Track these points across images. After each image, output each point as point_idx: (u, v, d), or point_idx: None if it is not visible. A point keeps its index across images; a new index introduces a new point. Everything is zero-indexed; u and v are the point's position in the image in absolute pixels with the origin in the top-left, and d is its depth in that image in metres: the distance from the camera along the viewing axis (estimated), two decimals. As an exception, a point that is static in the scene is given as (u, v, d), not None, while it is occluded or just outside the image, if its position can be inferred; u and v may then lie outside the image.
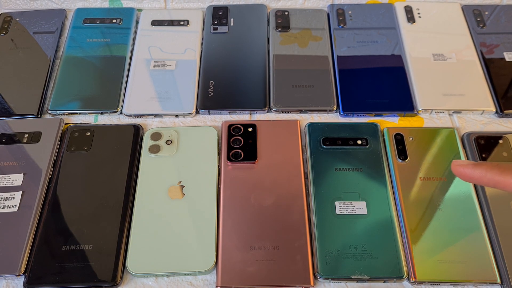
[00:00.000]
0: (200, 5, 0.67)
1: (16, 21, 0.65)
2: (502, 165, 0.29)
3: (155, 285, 0.44)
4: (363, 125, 0.54)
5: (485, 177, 0.29)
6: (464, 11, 0.65)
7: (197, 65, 0.60)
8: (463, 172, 0.30)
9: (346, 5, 0.66)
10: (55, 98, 0.57)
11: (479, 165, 0.30)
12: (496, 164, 0.29)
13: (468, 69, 0.59)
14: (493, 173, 0.29)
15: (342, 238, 0.45)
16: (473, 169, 0.30)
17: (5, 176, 0.49)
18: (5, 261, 0.44)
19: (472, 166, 0.30)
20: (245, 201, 0.48)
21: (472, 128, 0.55)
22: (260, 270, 0.44)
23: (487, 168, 0.29)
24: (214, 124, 0.56)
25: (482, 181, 0.30)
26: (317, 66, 0.60)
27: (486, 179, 0.29)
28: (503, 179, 0.28)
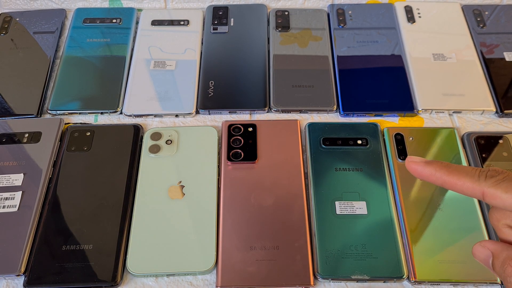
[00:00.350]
0: (200, 5, 0.67)
1: (16, 21, 0.65)
2: (451, 166, 0.30)
3: (155, 285, 0.44)
4: (363, 125, 0.54)
5: (434, 175, 0.30)
6: (464, 11, 0.65)
7: (197, 65, 0.60)
8: (414, 168, 0.31)
9: (346, 5, 0.66)
10: (55, 98, 0.57)
11: (430, 163, 0.30)
12: (446, 164, 0.30)
13: (468, 69, 0.59)
14: (442, 172, 0.30)
15: (342, 238, 0.45)
16: (423, 166, 0.30)
17: (5, 176, 0.49)
18: (5, 261, 0.44)
19: (424, 164, 0.30)
20: (245, 201, 0.48)
21: (472, 128, 0.55)
22: (260, 270, 0.44)
23: (437, 167, 0.30)
24: (214, 124, 0.56)
25: (431, 179, 0.30)
26: (317, 66, 0.60)
27: (435, 178, 0.30)
28: (450, 179, 0.29)
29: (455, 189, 0.29)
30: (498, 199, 0.27)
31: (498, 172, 0.28)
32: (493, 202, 0.28)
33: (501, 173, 0.28)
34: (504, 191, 0.27)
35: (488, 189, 0.28)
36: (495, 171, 0.28)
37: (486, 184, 0.28)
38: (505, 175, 0.28)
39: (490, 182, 0.28)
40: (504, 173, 0.28)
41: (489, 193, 0.28)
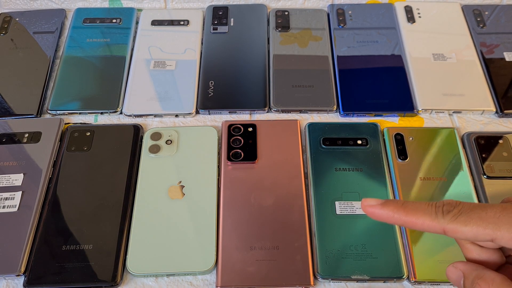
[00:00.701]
0: (200, 5, 0.67)
1: (16, 21, 0.65)
2: (407, 205, 0.30)
3: (155, 285, 0.44)
4: (363, 125, 0.54)
5: (392, 217, 0.30)
6: (464, 11, 0.65)
7: (197, 65, 0.60)
8: (371, 212, 0.31)
9: (346, 5, 0.66)
10: (55, 98, 0.57)
11: (386, 205, 0.30)
12: (401, 203, 0.30)
13: (468, 69, 0.59)
14: (400, 213, 0.29)
15: (342, 238, 0.45)
16: (380, 209, 0.30)
17: (5, 176, 0.49)
18: (5, 261, 0.44)
19: (380, 206, 0.30)
20: (245, 201, 0.48)
21: (472, 128, 0.55)
22: (260, 270, 0.44)
23: (394, 208, 0.30)
24: (214, 124, 0.56)
25: (390, 221, 0.30)
26: (317, 66, 0.60)
27: (394, 219, 0.30)
28: (409, 220, 0.29)
29: (416, 228, 0.29)
30: (460, 233, 0.28)
31: (453, 205, 0.29)
32: (455, 236, 0.28)
33: (456, 206, 0.28)
34: (463, 224, 0.28)
35: (448, 226, 0.28)
36: (450, 204, 0.29)
37: (445, 221, 0.28)
38: (460, 207, 0.28)
39: (448, 218, 0.28)
40: (458, 206, 0.28)
41: (450, 229, 0.28)
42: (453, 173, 0.50)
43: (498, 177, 0.50)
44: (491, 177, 0.50)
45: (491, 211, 0.27)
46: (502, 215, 0.27)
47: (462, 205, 0.28)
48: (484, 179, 0.50)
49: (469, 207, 0.28)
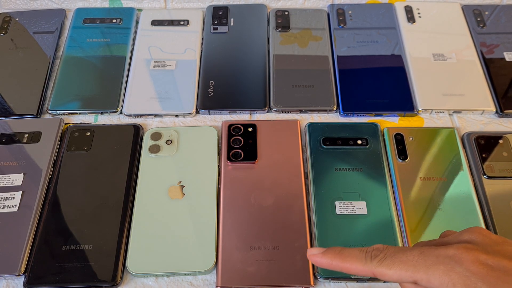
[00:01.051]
0: (200, 5, 0.67)
1: (16, 21, 0.65)
2: (343, 253, 0.32)
3: (155, 285, 0.44)
4: (363, 125, 0.54)
5: (331, 264, 0.32)
6: (464, 11, 0.65)
7: (197, 65, 0.60)
8: (314, 260, 0.33)
9: (346, 5, 0.66)
10: (55, 98, 0.57)
11: (326, 253, 0.32)
12: (338, 251, 0.32)
13: (468, 69, 0.59)
14: (337, 261, 0.32)
15: (342, 238, 0.45)
16: (321, 257, 0.32)
17: (5, 176, 0.49)
18: (5, 261, 0.44)
19: (321, 255, 0.33)
20: (245, 201, 0.48)
21: (472, 128, 0.55)
22: (260, 270, 0.44)
23: (331, 256, 0.32)
24: (214, 124, 0.56)
25: (331, 268, 0.32)
26: (317, 66, 0.60)
27: (333, 266, 0.32)
28: (344, 266, 0.31)
29: (351, 273, 0.32)
30: (386, 276, 0.30)
31: (379, 250, 0.31)
32: (383, 279, 0.30)
33: (382, 250, 0.31)
34: (388, 268, 0.30)
35: (376, 270, 0.30)
36: (377, 250, 0.31)
37: (373, 265, 0.30)
38: (385, 252, 0.30)
39: (375, 262, 0.30)
40: (384, 250, 0.31)
41: (377, 272, 0.30)
42: (453, 173, 0.50)
43: (498, 177, 0.50)
44: (491, 177, 0.50)
45: (410, 254, 0.29)
46: (419, 259, 0.29)
47: (387, 249, 0.31)
48: (484, 179, 0.50)
49: (393, 251, 0.30)
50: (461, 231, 0.32)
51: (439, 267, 0.28)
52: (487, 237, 0.30)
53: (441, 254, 0.29)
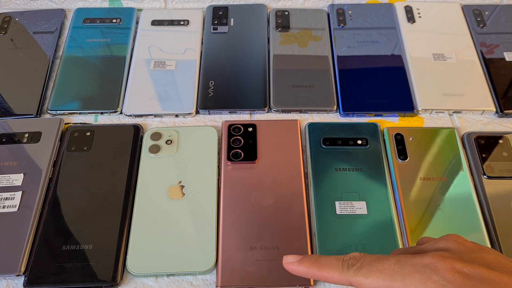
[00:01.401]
0: (200, 5, 0.67)
1: (16, 21, 0.65)
2: (320, 261, 0.32)
3: (155, 285, 0.44)
4: (363, 125, 0.54)
5: (308, 273, 0.32)
6: (464, 11, 0.65)
7: (197, 65, 0.60)
8: (290, 268, 0.33)
9: (346, 5, 0.66)
10: (55, 98, 0.57)
11: (302, 261, 0.32)
12: (315, 259, 0.32)
13: (468, 69, 0.59)
14: (313, 269, 0.32)
15: (342, 238, 0.45)
16: (297, 265, 0.32)
17: (5, 176, 0.49)
18: (5, 261, 0.44)
19: (297, 263, 0.32)
20: (245, 201, 0.48)
21: (472, 128, 0.55)
22: (260, 270, 0.44)
23: (308, 264, 0.32)
24: (214, 124, 0.56)
25: (308, 276, 0.32)
26: (317, 66, 0.60)
27: (310, 275, 0.32)
28: (321, 274, 0.31)
29: (328, 282, 0.32)
30: (363, 285, 0.29)
31: (356, 259, 0.31)
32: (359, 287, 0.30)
33: (358, 259, 0.30)
34: (365, 277, 0.29)
35: (352, 279, 0.30)
36: (354, 258, 0.31)
37: (350, 274, 0.30)
38: (362, 261, 0.30)
39: (352, 271, 0.30)
40: (361, 259, 0.30)
41: (354, 281, 0.30)
42: (453, 173, 0.50)
43: (498, 177, 0.50)
44: (491, 177, 0.50)
45: (387, 263, 0.29)
46: (396, 267, 0.29)
47: (364, 258, 0.30)
48: (484, 179, 0.50)
49: (369, 260, 0.30)
50: (437, 239, 0.32)
51: (415, 276, 0.28)
52: (462, 244, 0.30)
53: (418, 262, 0.29)
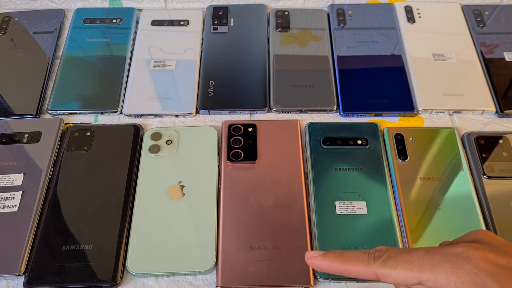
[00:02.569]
0: (200, 5, 0.67)
1: (15, 21, 0.64)
2: (344, 255, 0.31)
3: (155, 285, 0.44)
4: (363, 125, 0.54)
5: (331, 267, 0.31)
6: (464, 11, 0.65)
7: (197, 65, 0.60)
8: (313, 263, 0.32)
9: (346, 5, 0.66)
10: (55, 98, 0.57)
11: (326, 256, 0.32)
12: (339, 253, 0.31)
13: (468, 69, 0.59)
14: (337, 263, 0.31)
15: (342, 238, 0.45)
16: (320, 260, 0.32)
17: (5, 176, 0.49)
18: (5, 261, 0.44)
19: (320, 257, 0.32)
20: (245, 201, 0.48)
21: (472, 128, 0.55)
22: (260, 270, 0.44)
23: (332, 258, 0.31)
24: (214, 124, 0.56)
25: (330, 271, 0.31)
26: (317, 66, 0.60)
27: (333, 269, 0.31)
28: (346, 268, 0.31)
29: (353, 275, 0.31)
30: (390, 277, 0.29)
31: (383, 251, 0.30)
32: (386, 280, 0.29)
33: (385, 251, 0.30)
34: (392, 268, 0.29)
35: (379, 270, 0.29)
36: (381, 251, 0.30)
37: (376, 266, 0.29)
38: (389, 253, 0.30)
39: (379, 263, 0.29)
40: (387, 251, 0.30)
41: (381, 273, 0.29)
42: (453, 173, 0.50)
43: (498, 177, 0.50)
44: (491, 177, 0.50)
45: (415, 254, 0.29)
46: (425, 258, 0.28)
47: (391, 250, 0.30)
48: (484, 179, 0.50)
49: (397, 252, 0.30)
50: (465, 234, 0.31)
51: (446, 265, 0.27)
52: (493, 238, 0.30)
53: (448, 252, 0.28)
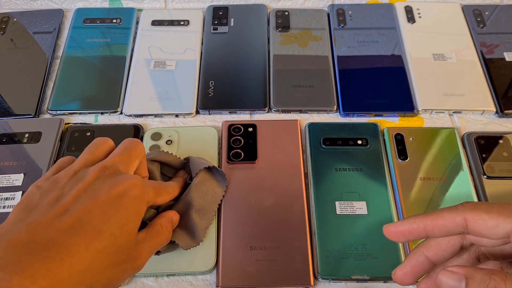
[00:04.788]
0: (200, 5, 0.67)
1: (14, 21, 0.64)
2: (427, 213, 0.30)
3: (155, 285, 0.44)
4: (363, 125, 0.54)
5: (413, 223, 0.29)
6: (464, 11, 0.65)
7: (197, 65, 0.60)
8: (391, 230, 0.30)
9: (346, 5, 0.66)
10: (55, 98, 0.57)
11: (406, 219, 0.30)
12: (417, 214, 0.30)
13: (468, 69, 0.59)
14: (420, 217, 0.29)
15: (342, 238, 0.45)
16: (401, 223, 0.30)
17: (5, 176, 0.49)
18: (5, 261, 0.44)
19: (401, 221, 0.30)
20: (245, 201, 0.48)
21: (472, 128, 0.55)
22: (260, 270, 0.44)
23: (414, 216, 0.30)
24: (214, 124, 0.56)
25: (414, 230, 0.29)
26: (317, 66, 0.60)
27: (416, 225, 0.29)
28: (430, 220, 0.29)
29: (437, 227, 0.29)
30: (480, 221, 0.27)
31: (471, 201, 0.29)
32: (473, 227, 0.27)
33: (474, 202, 0.29)
34: (485, 211, 0.27)
35: (469, 213, 0.27)
36: (468, 202, 0.29)
37: (465, 209, 0.28)
38: (479, 202, 0.28)
39: (469, 207, 0.28)
40: (477, 202, 0.29)
41: (470, 217, 0.27)
42: (453, 173, 0.50)
43: (498, 177, 0.50)
44: (491, 177, 0.50)
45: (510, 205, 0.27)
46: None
47: (481, 202, 0.28)
48: (484, 179, 0.50)
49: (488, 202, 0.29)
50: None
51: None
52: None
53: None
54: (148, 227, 0.38)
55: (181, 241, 0.42)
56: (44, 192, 0.33)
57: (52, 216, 0.31)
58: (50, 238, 0.29)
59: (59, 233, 0.30)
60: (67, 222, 0.30)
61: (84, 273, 0.30)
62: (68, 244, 0.29)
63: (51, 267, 0.28)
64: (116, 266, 0.32)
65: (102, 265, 0.31)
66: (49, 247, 0.29)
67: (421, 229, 0.29)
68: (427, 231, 0.29)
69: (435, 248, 0.31)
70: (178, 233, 0.42)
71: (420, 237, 0.30)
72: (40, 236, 0.29)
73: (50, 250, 0.29)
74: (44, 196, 0.33)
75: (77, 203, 0.32)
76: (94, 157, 0.36)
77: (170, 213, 0.41)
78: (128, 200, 0.34)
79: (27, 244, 0.29)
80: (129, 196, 0.34)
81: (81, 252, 0.30)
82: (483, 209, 0.27)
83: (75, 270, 0.29)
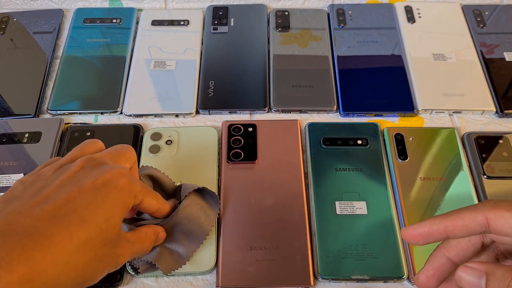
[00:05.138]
0: (200, 5, 0.67)
1: (14, 21, 0.64)
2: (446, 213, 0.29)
3: (155, 285, 0.44)
4: (363, 125, 0.54)
5: (433, 224, 0.28)
6: (464, 11, 0.65)
7: (197, 65, 0.60)
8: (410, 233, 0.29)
9: (346, 5, 0.66)
10: (55, 98, 0.57)
11: (424, 220, 0.29)
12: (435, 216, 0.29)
13: (468, 69, 0.59)
14: (440, 218, 0.28)
15: (342, 238, 0.45)
16: (420, 224, 0.29)
17: (5, 176, 0.49)
18: (5, 261, 0.44)
19: (419, 223, 0.29)
20: (245, 201, 0.48)
21: (472, 128, 0.55)
22: (260, 270, 0.44)
23: (433, 217, 0.29)
24: (214, 124, 0.56)
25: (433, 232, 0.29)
26: (317, 66, 0.60)
27: (436, 227, 0.28)
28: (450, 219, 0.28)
29: (457, 228, 0.28)
30: (502, 219, 0.26)
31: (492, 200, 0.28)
32: (496, 224, 0.26)
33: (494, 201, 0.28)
34: (507, 210, 0.26)
35: (490, 212, 0.27)
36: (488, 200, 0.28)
37: (486, 208, 0.27)
38: (499, 200, 0.28)
39: (490, 205, 0.27)
40: (497, 201, 0.28)
41: (492, 215, 0.26)
42: (453, 173, 0.50)
43: (498, 177, 0.50)
44: (491, 177, 0.50)
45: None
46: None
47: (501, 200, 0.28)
48: (484, 179, 0.50)
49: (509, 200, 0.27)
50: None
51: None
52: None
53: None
54: (135, 231, 0.37)
55: (162, 264, 0.40)
56: (27, 185, 0.31)
57: (33, 205, 0.29)
58: (30, 226, 0.27)
59: (39, 221, 0.28)
60: (47, 210, 0.29)
61: (67, 265, 0.28)
62: (50, 233, 0.28)
63: (31, 256, 0.26)
64: (100, 260, 0.31)
65: (86, 258, 0.29)
66: (29, 235, 0.27)
67: (441, 230, 0.28)
68: (448, 232, 0.28)
69: (456, 248, 0.30)
70: (161, 255, 0.40)
71: (440, 238, 0.29)
72: (19, 225, 0.27)
73: (30, 238, 0.27)
74: (27, 188, 0.31)
75: (60, 192, 0.30)
76: (82, 154, 0.35)
77: (157, 227, 0.39)
78: (115, 189, 0.32)
79: (4, 232, 0.27)
80: (116, 185, 0.32)
81: (64, 243, 0.28)
82: (505, 207, 0.26)
83: (58, 261, 0.27)
